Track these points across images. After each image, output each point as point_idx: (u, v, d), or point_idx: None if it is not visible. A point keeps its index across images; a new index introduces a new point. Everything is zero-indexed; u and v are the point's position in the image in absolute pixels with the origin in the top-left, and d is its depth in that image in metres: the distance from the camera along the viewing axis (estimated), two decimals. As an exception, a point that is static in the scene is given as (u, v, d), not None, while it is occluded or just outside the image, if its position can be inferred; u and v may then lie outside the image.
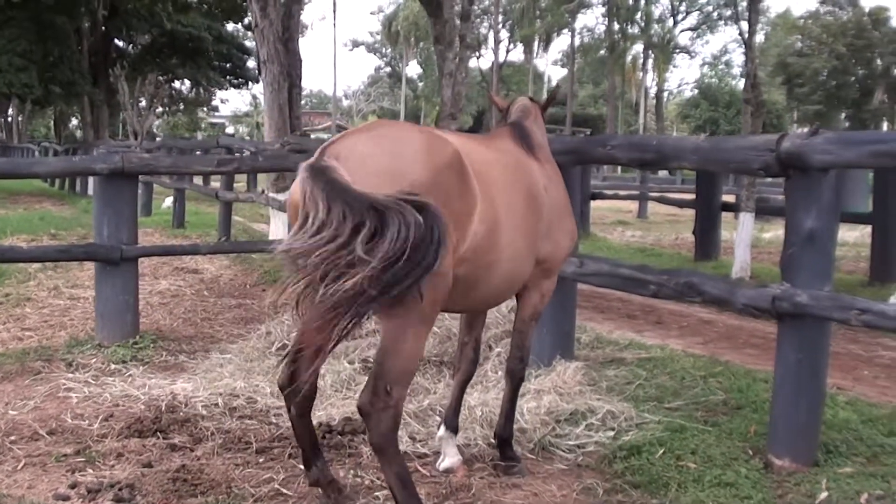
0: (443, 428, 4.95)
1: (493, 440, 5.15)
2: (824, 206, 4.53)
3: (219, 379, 6.44)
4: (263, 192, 12.94)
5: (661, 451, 5.02)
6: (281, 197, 11.76)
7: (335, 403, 5.99)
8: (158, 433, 5.37)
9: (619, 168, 45.26)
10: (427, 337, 3.96)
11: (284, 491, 4.57)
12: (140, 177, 8.56)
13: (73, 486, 4.53)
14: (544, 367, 6.47)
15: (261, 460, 5.03)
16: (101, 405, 5.93)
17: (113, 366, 6.85)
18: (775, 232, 18.82)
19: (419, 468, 4.95)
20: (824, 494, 4.37)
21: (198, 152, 17.23)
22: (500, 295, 4.54)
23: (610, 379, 6.37)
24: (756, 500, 4.42)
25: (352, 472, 4.85)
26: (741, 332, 8.81)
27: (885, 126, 54.97)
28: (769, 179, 20.61)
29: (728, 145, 4.97)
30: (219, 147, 15.52)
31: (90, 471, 4.76)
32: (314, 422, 5.56)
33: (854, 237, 18.13)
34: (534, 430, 5.39)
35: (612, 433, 5.37)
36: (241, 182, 18.33)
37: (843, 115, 57.59)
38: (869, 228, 12.25)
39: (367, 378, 3.92)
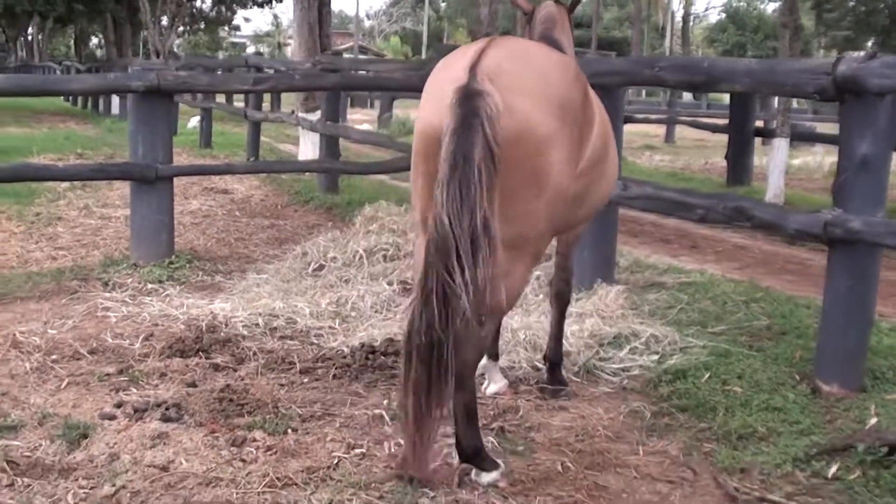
0: (484, 357, 4.92)
1: (538, 363, 5.14)
2: (879, 131, 4.43)
3: (257, 299, 6.44)
4: (293, 112, 12.84)
5: (707, 376, 4.99)
6: (311, 117, 11.66)
7: (376, 324, 5.98)
8: (200, 353, 5.38)
9: (644, 91, 44.56)
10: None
11: (332, 411, 4.58)
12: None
13: (118, 406, 4.53)
14: (585, 291, 6.43)
15: (305, 380, 5.04)
16: (141, 325, 5.94)
17: (150, 285, 6.86)
18: (803, 158, 18.65)
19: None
20: (874, 420, 4.33)
21: (219, 71, 17.05)
22: (591, 214, 4.53)
23: (651, 303, 6.34)
24: (805, 424, 4.40)
25: (393, 393, 4.84)
26: (777, 258, 8.74)
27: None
28: (795, 105, 20.29)
29: (782, 68, 4.85)
30: (247, 66, 15.35)
31: (134, 390, 4.78)
32: (356, 342, 5.60)
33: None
34: (578, 354, 5.37)
35: (656, 357, 5.35)
36: (265, 102, 18.15)
37: (870, 42, 56.29)
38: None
39: (406, 299, 3.87)
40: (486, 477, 3.79)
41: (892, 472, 3.91)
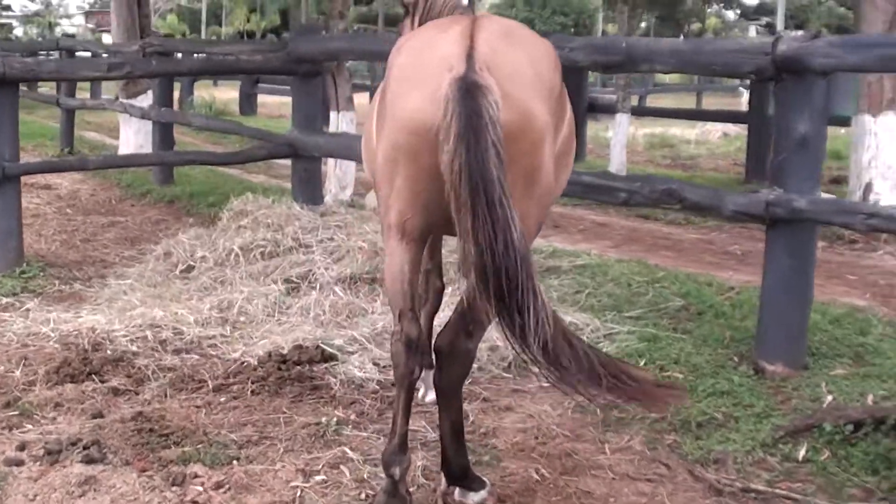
0: None
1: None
2: (816, 110, 4.41)
3: (130, 308, 5.86)
4: (117, 98, 11.95)
5: (643, 363, 4.88)
6: (139, 103, 10.86)
7: (273, 330, 5.55)
8: (92, 376, 4.78)
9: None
10: None
11: (267, 433, 4.17)
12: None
13: (21, 448, 3.93)
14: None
15: (222, 400, 4.57)
16: (9, 346, 5.25)
17: (4, 300, 6.14)
18: (614, 131, 19.16)
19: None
20: (829, 398, 4.34)
21: (17, 54, 15.75)
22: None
23: (556, 289, 6.17)
24: (759, 407, 4.34)
25: (333, 410, 4.48)
26: (643, 234, 8.81)
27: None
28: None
29: (711, 48, 4.78)
30: (59, 49, 14.22)
31: (30, 426, 4.17)
32: (260, 352, 5.18)
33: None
34: (505, 347, 5.14)
35: (582, 346, 5.19)
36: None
37: (655, 17, 58.49)
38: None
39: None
40: (475, 497, 3.52)
41: (860, 448, 3.92)
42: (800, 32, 4.53)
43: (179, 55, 10.59)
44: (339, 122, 9.29)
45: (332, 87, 9.45)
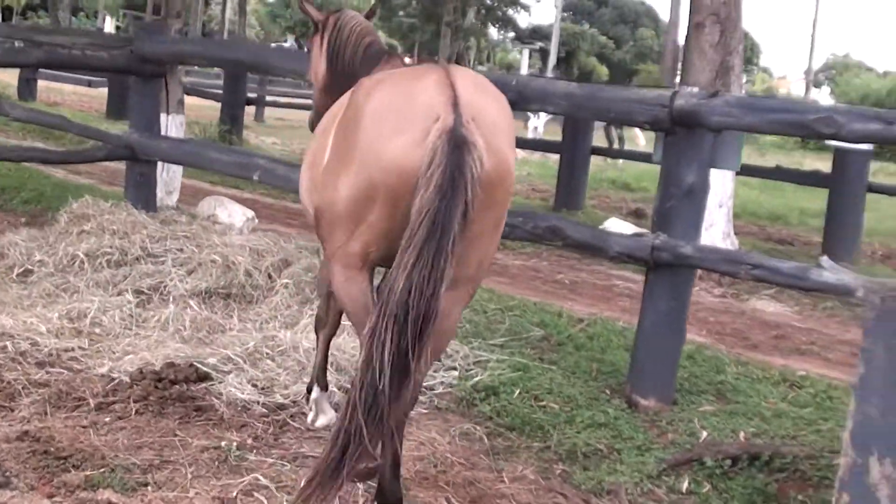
0: (316, 389, 4.60)
1: (346, 385, 4.91)
2: (704, 161, 4.75)
3: (-34, 313, 5.50)
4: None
5: (518, 392, 5.05)
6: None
7: (136, 344, 5.35)
8: (-49, 391, 4.49)
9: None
10: None
11: (167, 457, 4.04)
12: None
13: None
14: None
15: (107, 419, 4.38)
16: None
17: None
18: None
19: (289, 420, 4.61)
20: (704, 434, 4.66)
21: None
22: None
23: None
24: (640, 440, 4.61)
25: (226, 433, 4.38)
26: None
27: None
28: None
29: (606, 95, 5.00)
30: None
31: None
32: (129, 367, 4.98)
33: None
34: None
35: (455, 373, 5.31)
36: None
37: (432, 31, 59.42)
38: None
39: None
40: None
41: (738, 482, 4.25)
42: (695, 89, 4.84)
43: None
44: (170, 125, 8.99)
45: (164, 88, 9.12)
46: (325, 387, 4.61)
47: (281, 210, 11.06)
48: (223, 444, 4.20)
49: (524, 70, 44.23)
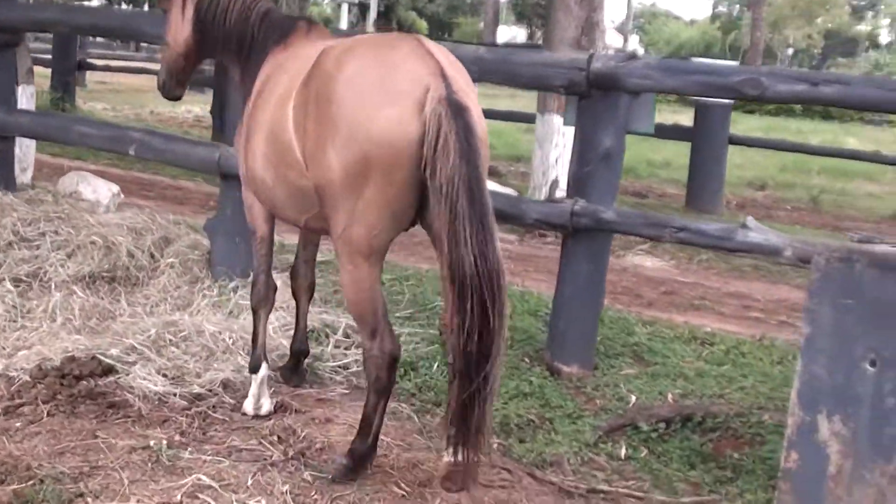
0: (264, 366, 4.38)
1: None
2: (620, 125, 4.74)
3: None
4: None
5: (436, 366, 4.99)
6: None
7: (27, 337, 5.01)
8: None
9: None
10: None
11: (93, 461, 3.78)
12: None
13: None
14: (241, 281, 5.93)
15: (18, 424, 4.08)
16: None
17: None
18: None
19: (210, 412, 4.37)
20: (633, 398, 4.70)
21: None
22: None
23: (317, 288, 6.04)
24: (570, 408, 4.61)
25: (150, 431, 4.13)
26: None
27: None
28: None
29: (519, 59, 4.91)
30: None
31: None
32: (25, 364, 4.66)
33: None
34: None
35: (368, 349, 5.16)
36: None
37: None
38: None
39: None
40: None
41: (674, 445, 4.32)
42: (612, 51, 4.82)
43: None
44: (20, 96, 8.38)
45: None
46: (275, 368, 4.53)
47: (134, 181, 10.60)
48: (151, 443, 3.96)
49: (343, 25, 43.46)
